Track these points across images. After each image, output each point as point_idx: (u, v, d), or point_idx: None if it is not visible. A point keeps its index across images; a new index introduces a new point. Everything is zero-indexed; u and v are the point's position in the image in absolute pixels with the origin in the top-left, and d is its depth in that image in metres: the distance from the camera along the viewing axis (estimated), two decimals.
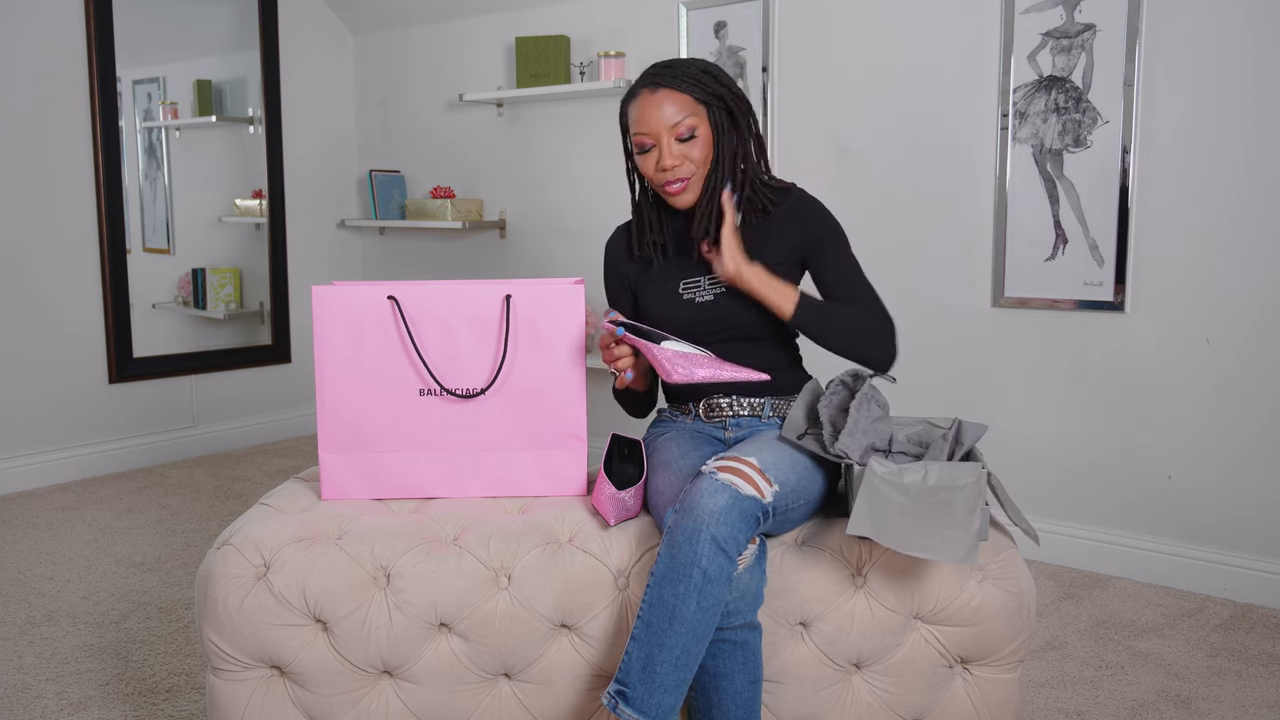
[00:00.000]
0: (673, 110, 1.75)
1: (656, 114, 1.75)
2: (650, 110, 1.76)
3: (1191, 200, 2.71)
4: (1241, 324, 2.67)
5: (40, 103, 3.72)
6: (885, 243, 3.20)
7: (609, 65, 3.66)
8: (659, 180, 1.79)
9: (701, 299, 1.83)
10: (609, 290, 2.01)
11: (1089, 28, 2.79)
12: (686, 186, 1.79)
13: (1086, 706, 2.14)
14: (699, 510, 1.49)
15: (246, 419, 4.46)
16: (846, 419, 1.69)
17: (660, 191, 1.82)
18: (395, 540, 1.68)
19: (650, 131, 1.76)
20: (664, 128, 1.75)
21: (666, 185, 1.79)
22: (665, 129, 1.75)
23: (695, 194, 1.81)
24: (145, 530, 3.28)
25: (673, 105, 1.75)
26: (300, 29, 4.49)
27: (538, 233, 4.14)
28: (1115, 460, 2.88)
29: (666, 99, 1.75)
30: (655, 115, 1.75)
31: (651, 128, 1.76)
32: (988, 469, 1.61)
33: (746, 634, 1.57)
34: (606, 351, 1.75)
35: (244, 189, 4.42)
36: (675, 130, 1.75)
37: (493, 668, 1.66)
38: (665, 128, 1.75)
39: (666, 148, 1.76)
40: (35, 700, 2.16)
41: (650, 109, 1.76)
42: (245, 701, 1.67)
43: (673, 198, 1.81)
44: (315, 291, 1.74)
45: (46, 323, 3.80)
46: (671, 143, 1.76)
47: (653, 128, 1.76)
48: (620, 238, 1.98)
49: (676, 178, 1.78)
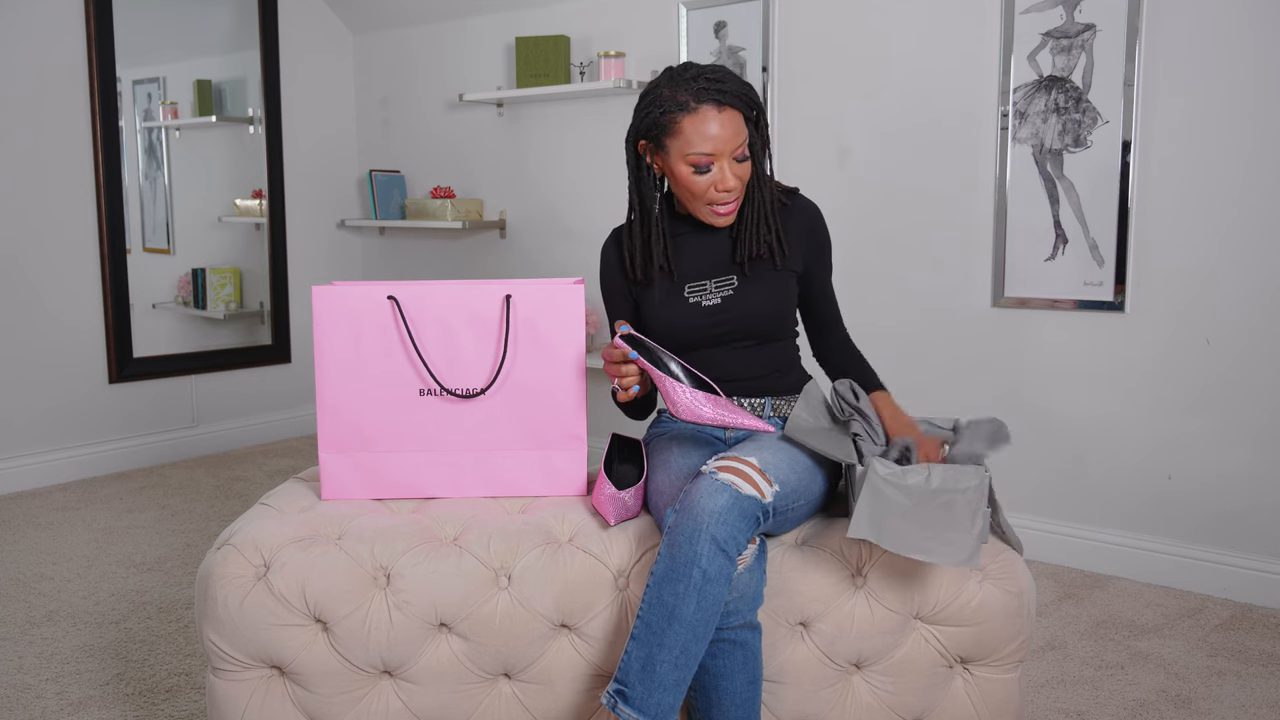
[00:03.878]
0: (736, 132, 1.71)
1: (724, 134, 1.69)
2: (717, 129, 1.69)
3: (1191, 200, 2.71)
4: (1242, 324, 2.67)
5: (40, 103, 3.72)
6: (885, 243, 3.20)
7: (609, 65, 3.66)
8: (712, 199, 1.75)
9: (708, 302, 1.82)
10: (606, 296, 1.95)
11: (1089, 28, 2.79)
12: (736, 208, 1.78)
13: (1086, 706, 2.14)
14: (699, 510, 1.49)
15: (246, 419, 4.46)
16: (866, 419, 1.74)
17: (701, 210, 1.77)
18: (395, 540, 1.68)
19: (715, 152, 1.70)
20: (729, 149, 1.70)
21: (717, 206, 1.76)
22: (730, 150, 1.71)
23: (735, 211, 1.80)
24: (145, 530, 3.28)
25: (735, 126, 1.70)
26: (300, 29, 4.49)
27: (538, 233, 4.14)
28: (1115, 460, 2.88)
29: (731, 120, 1.70)
30: (724, 135, 1.69)
31: (719, 148, 1.70)
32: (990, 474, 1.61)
33: (746, 634, 1.57)
34: (612, 366, 1.68)
35: (244, 189, 4.42)
36: (736, 151, 1.72)
37: (493, 668, 1.66)
38: (730, 149, 1.71)
39: (729, 170, 1.72)
40: (35, 700, 2.16)
41: (717, 128, 1.69)
42: (245, 701, 1.67)
43: (719, 217, 1.78)
44: (315, 291, 1.74)
45: (46, 323, 3.80)
46: (732, 164, 1.72)
47: (720, 149, 1.70)
48: (618, 244, 1.91)
49: (732, 200, 1.75)
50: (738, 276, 1.83)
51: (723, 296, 1.82)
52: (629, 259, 1.86)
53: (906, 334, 3.20)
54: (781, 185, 1.88)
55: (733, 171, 1.72)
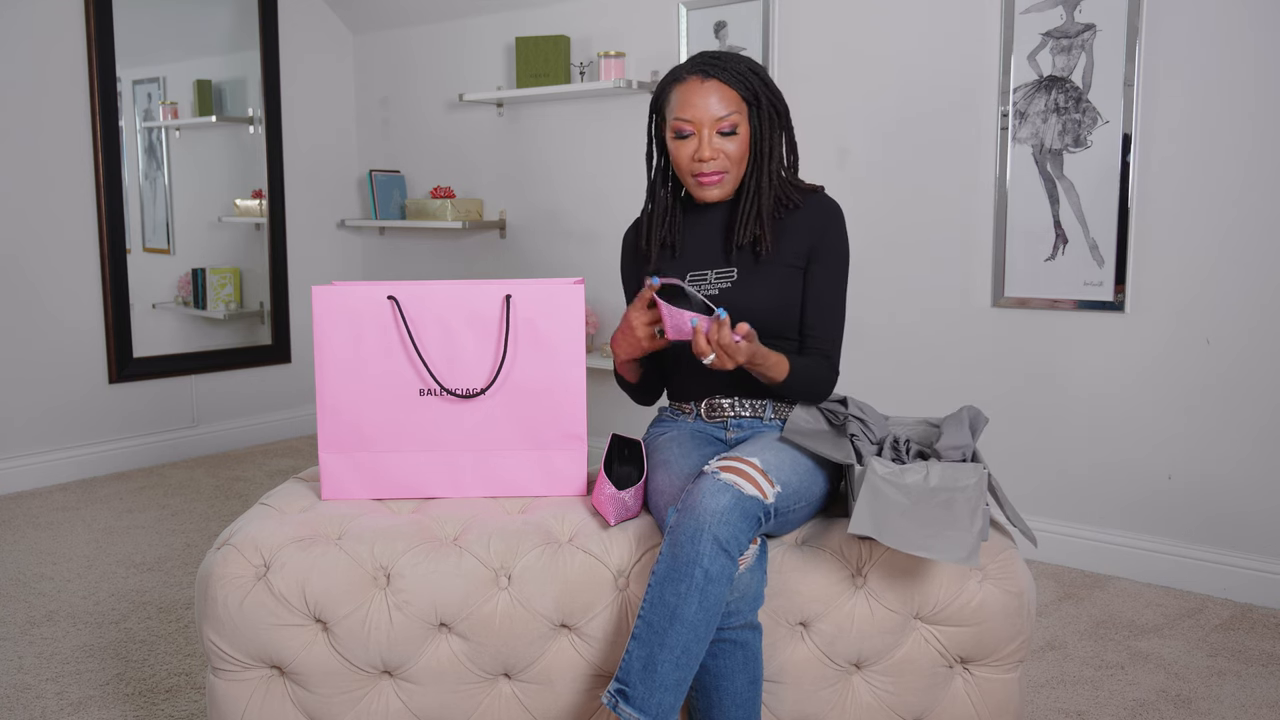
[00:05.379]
0: (719, 103, 1.74)
1: (704, 103, 1.74)
2: (698, 98, 1.75)
3: (1191, 200, 2.71)
4: (1241, 324, 2.67)
5: (41, 103, 3.72)
6: (885, 243, 3.20)
7: (609, 65, 3.66)
8: (692, 169, 1.78)
9: (706, 293, 1.82)
10: (625, 282, 2.01)
11: (1089, 28, 2.79)
12: (719, 182, 1.79)
13: (1086, 706, 2.14)
14: (701, 510, 1.49)
15: (246, 419, 4.46)
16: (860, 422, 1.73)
17: (689, 181, 1.81)
18: (395, 540, 1.68)
19: (694, 119, 1.75)
20: (709, 119, 1.75)
21: (700, 175, 1.78)
22: (710, 120, 1.75)
23: (726, 191, 1.81)
24: (145, 530, 3.28)
25: (720, 97, 1.75)
26: (300, 29, 4.49)
27: (538, 233, 4.14)
28: (1115, 460, 2.88)
29: (715, 90, 1.75)
30: (702, 104, 1.74)
31: (696, 115, 1.75)
32: (988, 470, 1.61)
33: (747, 634, 1.57)
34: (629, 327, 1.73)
35: (244, 189, 4.42)
36: (719, 124, 1.75)
37: (493, 668, 1.66)
38: (710, 119, 1.75)
39: (707, 139, 1.75)
40: (35, 700, 2.16)
41: (698, 96, 1.75)
42: (245, 701, 1.67)
43: (702, 189, 1.80)
44: (315, 291, 1.74)
45: (47, 323, 3.80)
46: (713, 135, 1.75)
47: (697, 116, 1.75)
48: (636, 230, 1.96)
49: (711, 170, 1.77)
50: (739, 270, 1.82)
51: (721, 289, 1.82)
52: (644, 240, 1.91)
53: (906, 334, 3.20)
54: (803, 184, 1.86)
55: (713, 143, 1.75)
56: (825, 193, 1.87)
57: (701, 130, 1.75)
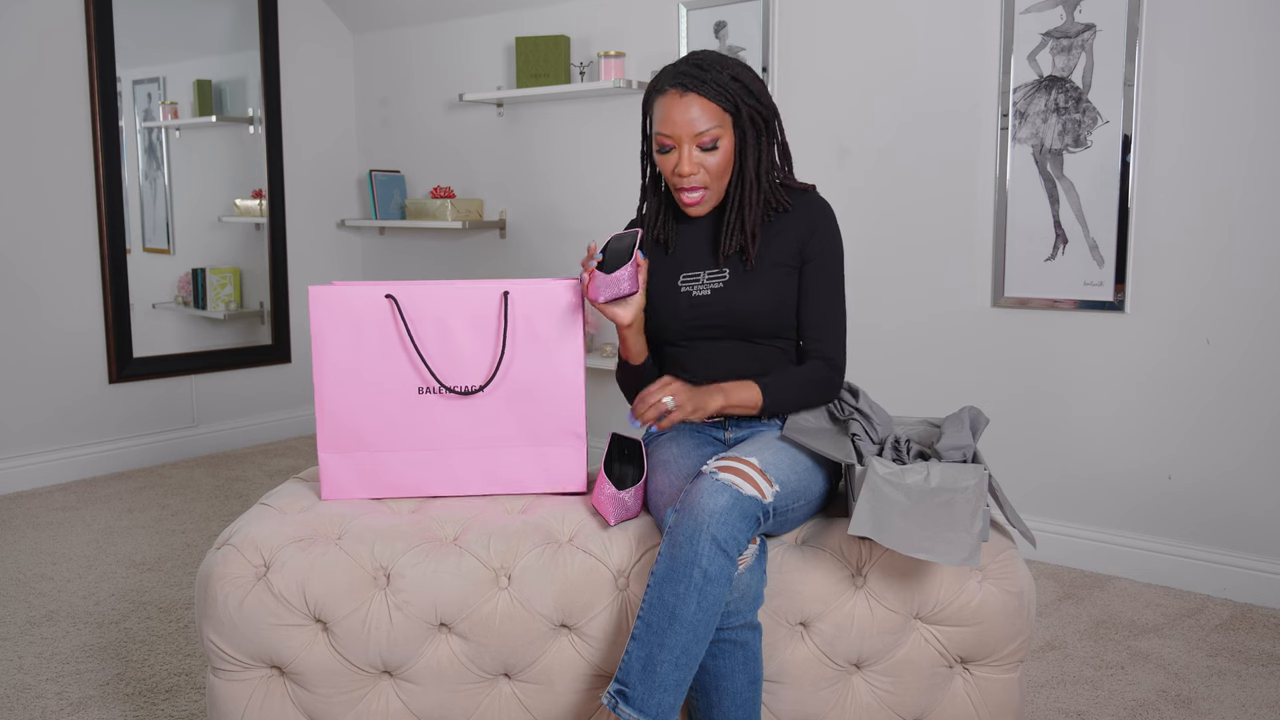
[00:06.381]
0: (699, 117, 1.71)
1: (683, 118, 1.71)
2: (676, 113, 1.71)
3: (1192, 200, 2.71)
4: (1242, 324, 2.67)
5: (40, 103, 3.72)
6: (885, 243, 3.20)
7: (609, 65, 3.66)
8: (674, 183, 1.77)
9: (698, 293, 1.81)
10: None
11: (1089, 28, 2.79)
12: (703, 199, 1.77)
13: (1086, 706, 2.14)
14: (700, 510, 1.49)
15: (246, 419, 4.46)
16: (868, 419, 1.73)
17: (675, 194, 1.80)
18: (395, 540, 1.68)
19: (673, 135, 1.72)
20: (688, 134, 1.71)
21: (681, 191, 1.77)
22: (689, 135, 1.71)
23: (708, 208, 1.80)
24: (145, 530, 3.28)
25: (700, 112, 1.71)
26: (300, 29, 4.49)
27: (538, 233, 4.14)
28: (1115, 460, 2.88)
29: (694, 104, 1.71)
30: (681, 119, 1.71)
31: (675, 131, 1.72)
32: (988, 470, 1.61)
33: (746, 634, 1.57)
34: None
35: (244, 189, 4.42)
36: (699, 139, 1.72)
37: (493, 668, 1.66)
38: (689, 134, 1.71)
39: (687, 155, 1.73)
40: (35, 700, 2.16)
41: (676, 112, 1.71)
42: (245, 701, 1.67)
43: (687, 206, 1.79)
44: (312, 292, 1.74)
45: (46, 323, 3.80)
46: (693, 150, 1.72)
47: (676, 131, 1.72)
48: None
49: (692, 186, 1.75)
50: (730, 271, 1.81)
51: (712, 289, 1.81)
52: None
53: (907, 334, 3.20)
54: (794, 185, 1.84)
55: (692, 158, 1.73)
56: (816, 192, 1.85)
57: (681, 146, 1.72)
